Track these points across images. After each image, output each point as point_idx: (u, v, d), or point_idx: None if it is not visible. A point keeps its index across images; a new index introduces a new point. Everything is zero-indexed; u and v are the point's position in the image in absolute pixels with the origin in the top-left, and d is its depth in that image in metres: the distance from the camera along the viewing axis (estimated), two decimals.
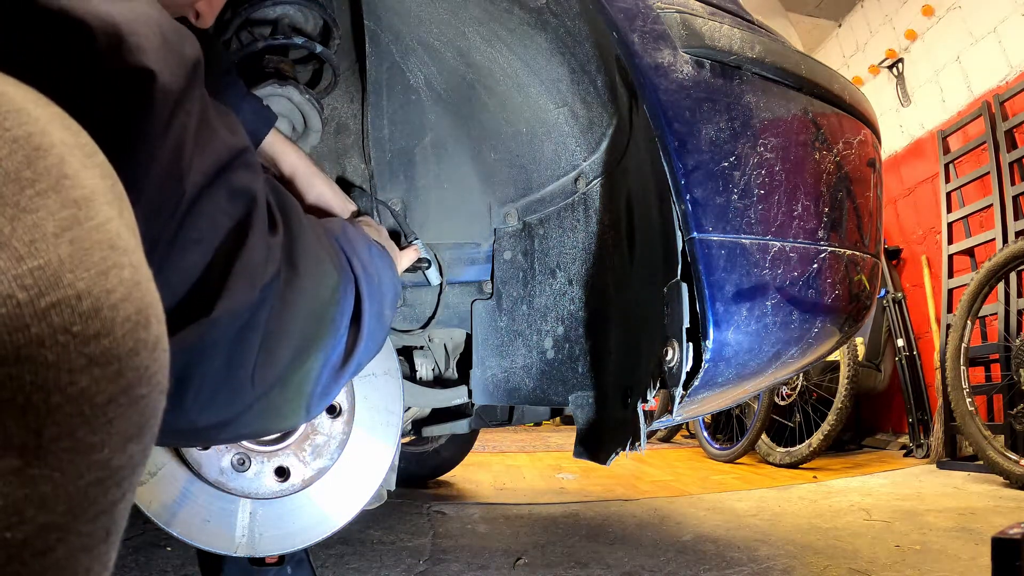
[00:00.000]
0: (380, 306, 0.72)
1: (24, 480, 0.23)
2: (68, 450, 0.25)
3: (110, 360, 0.25)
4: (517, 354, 1.13)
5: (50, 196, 0.25)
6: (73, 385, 0.24)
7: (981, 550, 1.41)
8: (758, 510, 1.98)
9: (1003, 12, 3.14)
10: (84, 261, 0.25)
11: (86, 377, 0.25)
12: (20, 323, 0.23)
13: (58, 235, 0.24)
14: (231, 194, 0.46)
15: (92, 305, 0.25)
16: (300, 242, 0.55)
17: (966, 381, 2.60)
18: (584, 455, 1.00)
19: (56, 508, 0.25)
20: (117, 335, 0.26)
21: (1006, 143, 3.03)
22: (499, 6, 0.91)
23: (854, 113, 0.94)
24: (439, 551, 1.45)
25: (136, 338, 0.27)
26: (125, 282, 0.26)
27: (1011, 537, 0.81)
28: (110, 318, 0.25)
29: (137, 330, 0.27)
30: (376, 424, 0.93)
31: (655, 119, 0.75)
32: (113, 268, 0.26)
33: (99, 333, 0.25)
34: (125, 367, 0.26)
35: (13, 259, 0.23)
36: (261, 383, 0.53)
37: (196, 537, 0.83)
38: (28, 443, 0.23)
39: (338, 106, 1.13)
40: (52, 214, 0.25)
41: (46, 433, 0.24)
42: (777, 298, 0.79)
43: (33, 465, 0.24)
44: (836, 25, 4.38)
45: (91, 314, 0.25)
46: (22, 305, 0.23)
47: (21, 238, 0.23)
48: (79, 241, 0.25)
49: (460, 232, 1.14)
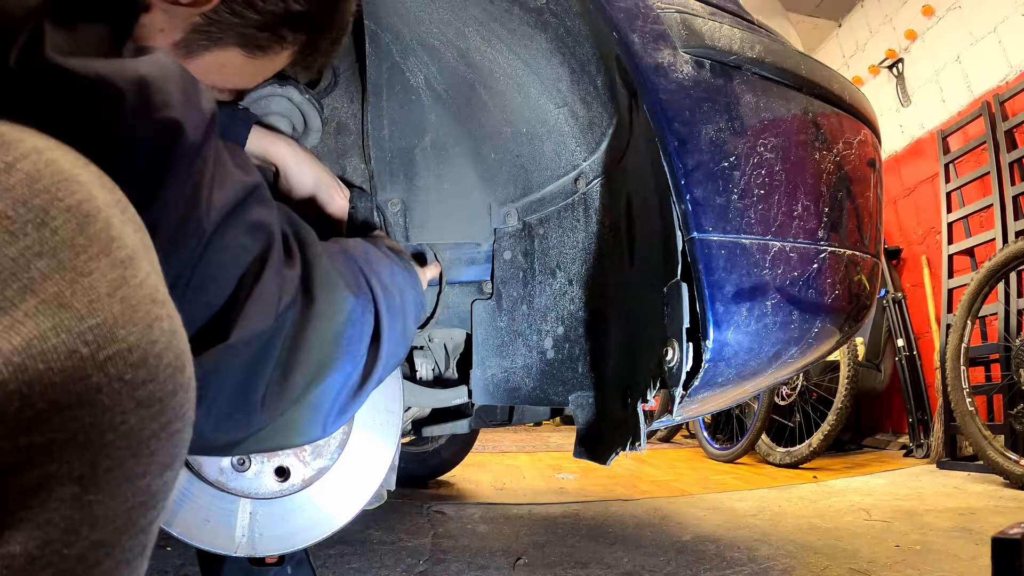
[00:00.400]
0: (403, 323, 0.73)
1: (81, 505, 0.27)
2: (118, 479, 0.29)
3: (154, 401, 0.29)
4: (517, 354, 1.13)
5: (101, 259, 0.29)
6: (124, 424, 0.28)
7: (981, 550, 1.41)
8: (758, 510, 1.98)
9: (1003, 12, 3.14)
10: (133, 317, 0.29)
11: (134, 417, 0.29)
12: (83, 374, 0.27)
13: (111, 295, 0.28)
14: (248, 229, 0.49)
15: (141, 356, 0.29)
16: (316, 270, 0.57)
17: (966, 381, 2.60)
18: (584, 455, 1.00)
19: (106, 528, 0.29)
20: (160, 380, 0.30)
21: (1006, 143, 3.03)
22: (499, 6, 0.91)
23: (854, 113, 0.94)
24: (439, 551, 1.45)
25: (176, 382, 0.31)
26: (166, 333, 0.30)
27: (1011, 537, 0.81)
28: (155, 366, 0.29)
29: (176, 375, 0.31)
30: (376, 424, 0.93)
31: (655, 119, 0.75)
32: (156, 321, 0.30)
33: (146, 380, 0.29)
34: (166, 407, 0.30)
35: (76, 318, 0.27)
36: (275, 405, 0.55)
37: (196, 537, 0.83)
38: (85, 474, 0.27)
39: (338, 106, 1.12)
40: (104, 275, 0.29)
41: (100, 466, 0.28)
42: (777, 298, 0.79)
43: (89, 492, 0.28)
44: (836, 25, 4.38)
45: (139, 364, 0.29)
46: (84, 359, 0.27)
47: (81, 299, 0.27)
48: (128, 299, 0.29)
49: (460, 232, 1.14)
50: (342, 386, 0.63)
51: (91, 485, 0.28)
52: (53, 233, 0.27)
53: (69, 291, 0.27)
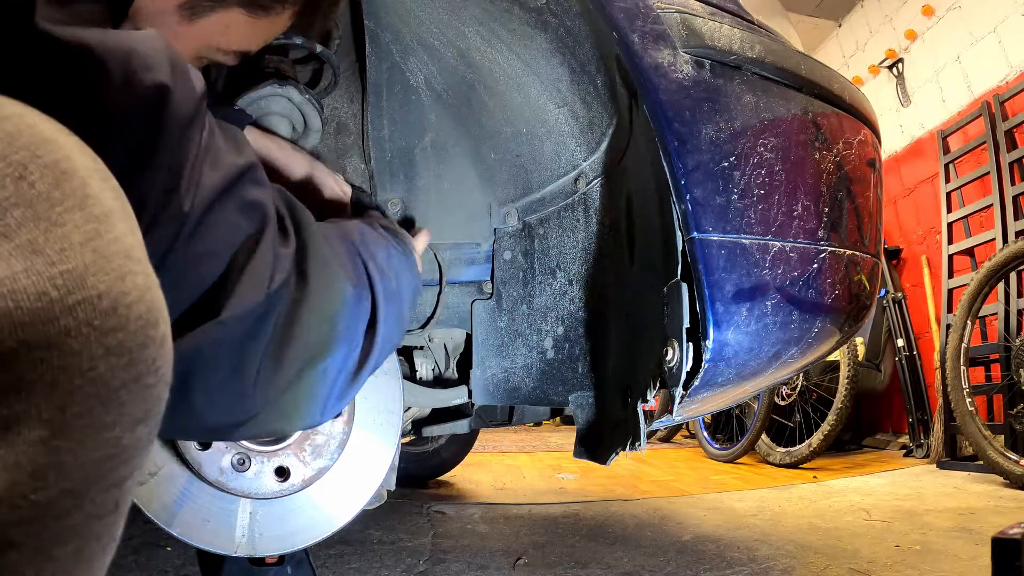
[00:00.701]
0: (399, 308, 0.73)
1: (49, 449, 0.28)
2: (86, 426, 0.29)
3: (123, 351, 0.30)
4: (517, 354, 1.13)
5: (76, 212, 0.29)
6: (93, 370, 0.28)
7: (981, 550, 1.41)
8: (758, 510, 1.98)
9: (1003, 12, 3.14)
10: (104, 267, 0.29)
11: (103, 364, 0.29)
12: (51, 315, 0.27)
13: (83, 244, 0.29)
14: (241, 208, 0.49)
15: (110, 304, 0.29)
16: (311, 251, 0.57)
17: (966, 381, 2.60)
18: (584, 455, 1.00)
19: (74, 476, 0.29)
20: (130, 330, 0.30)
21: (1006, 143, 3.03)
22: (499, 6, 0.91)
23: (854, 113, 0.94)
24: (439, 551, 1.45)
25: (146, 334, 0.31)
26: (138, 286, 0.31)
27: (1011, 537, 0.81)
28: (125, 315, 0.30)
29: (147, 328, 0.31)
30: (376, 424, 0.93)
31: (655, 119, 0.75)
32: (128, 274, 0.30)
33: (115, 327, 0.29)
34: (136, 358, 0.30)
35: (47, 263, 0.28)
36: (268, 387, 0.55)
37: (196, 537, 0.83)
38: (53, 417, 0.28)
39: (338, 106, 1.12)
40: (78, 227, 0.29)
41: (68, 410, 0.28)
42: (777, 298, 0.79)
43: (57, 437, 0.28)
44: (836, 25, 4.38)
45: (109, 311, 0.29)
46: (53, 301, 0.27)
47: (53, 246, 0.28)
48: (100, 250, 0.30)
49: (460, 232, 1.14)
50: (339, 371, 0.63)
51: (58, 429, 0.28)
52: (30, 186, 0.28)
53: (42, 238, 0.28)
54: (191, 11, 0.60)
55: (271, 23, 0.68)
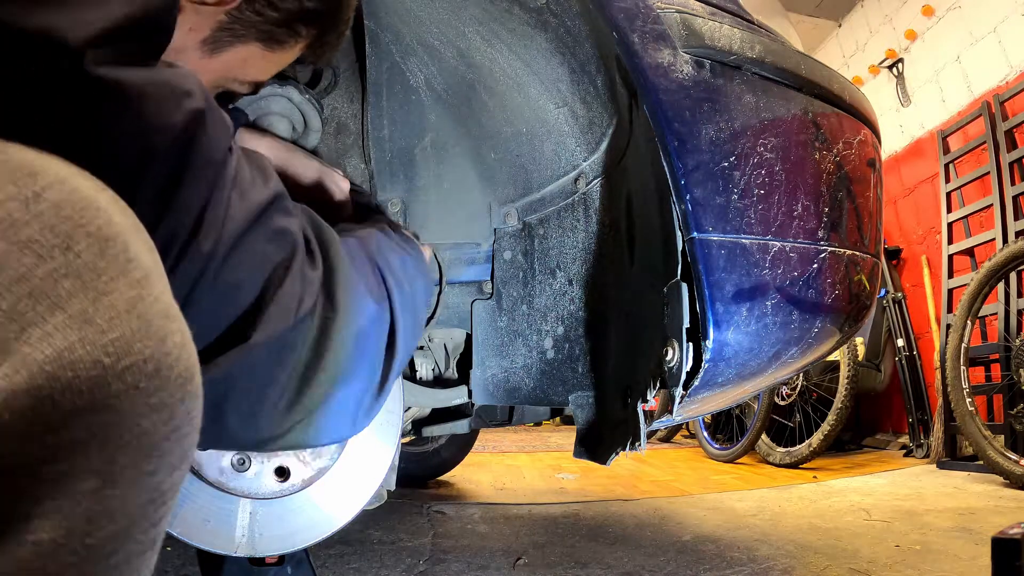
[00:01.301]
0: (415, 316, 0.75)
1: (100, 498, 0.31)
2: (132, 476, 0.32)
3: (164, 407, 0.33)
4: (517, 354, 1.13)
5: (120, 280, 0.32)
6: (139, 427, 0.32)
7: (981, 550, 1.41)
8: (758, 510, 1.98)
9: (1003, 12, 3.14)
10: (148, 332, 0.32)
11: (147, 421, 0.32)
12: (104, 381, 0.30)
13: (128, 311, 0.32)
14: (271, 238, 0.51)
15: (155, 367, 0.32)
16: (337, 274, 0.59)
17: (966, 381, 2.60)
18: (584, 455, 1.00)
19: (121, 520, 0.32)
20: (171, 388, 0.33)
21: (1006, 143, 3.03)
22: (499, 6, 0.91)
23: (854, 113, 0.94)
24: (439, 551, 1.45)
25: (184, 390, 0.34)
26: (177, 345, 0.34)
27: (1011, 537, 0.81)
28: (167, 376, 0.33)
29: (185, 384, 0.34)
30: (376, 424, 0.93)
31: (655, 119, 0.75)
32: (168, 335, 0.33)
33: (158, 388, 0.32)
34: (176, 412, 0.33)
35: (98, 332, 0.30)
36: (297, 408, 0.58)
37: (196, 537, 0.83)
38: (103, 469, 0.31)
39: (338, 106, 1.12)
40: (122, 294, 0.32)
41: (117, 463, 0.31)
42: (777, 298, 0.79)
43: (107, 486, 0.31)
44: (836, 25, 4.38)
45: (153, 374, 0.32)
46: (107, 368, 0.30)
47: (102, 315, 0.31)
48: (144, 315, 0.32)
49: (460, 232, 1.14)
50: (364, 391, 0.65)
51: (109, 480, 0.31)
52: (77, 256, 0.31)
53: (92, 308, 0.31)
54: (212, 46, 0.64)
55: (284, 55, 0.72)
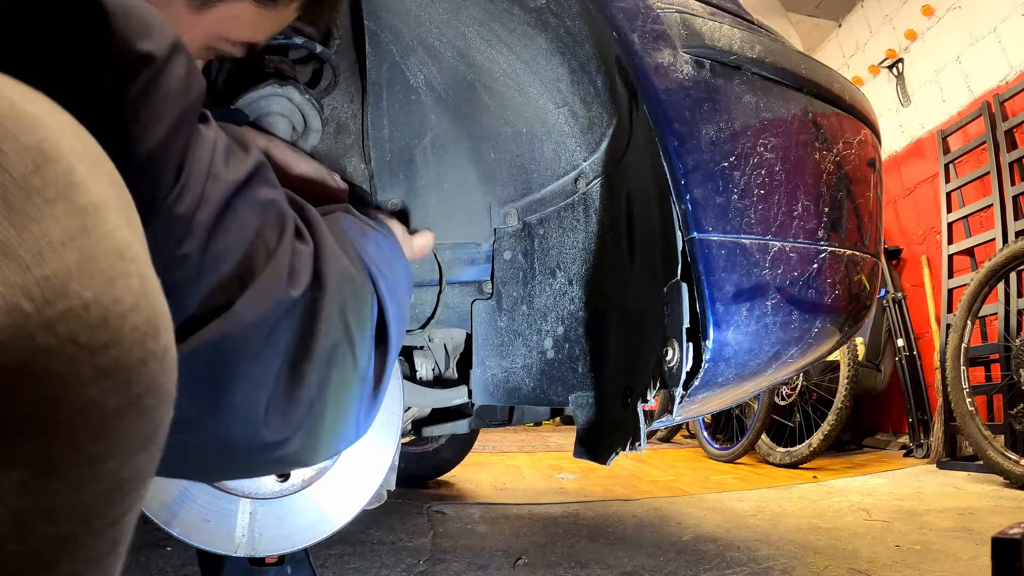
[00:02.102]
0: (400, 307, 0.70)
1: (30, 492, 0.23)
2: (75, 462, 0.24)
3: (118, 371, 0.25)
4: (517, 354, 1.13)
5: (57, 204, 0.24)
6: (81, 397, 0.24)
7: (981, 550, 1.41)
8: (758, 510, 1.98)
9: (1003, 12, 3.14)
10: (91, 270, 0.24)
11: (94, 389, 0.24)
12: (25, 333, 0.22)
13: (65, 244, 0.24)
14: (256, 208, 0.47)
15: (100, 315, 0.24)
16: (325, 251, 0.56)
17: (966, 381, 2.60)
18: (584, 455, 1.00)
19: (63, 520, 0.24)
20: (125, 346, 0.25)
21: (1006, 143, 3.03)
22: (499, 6, 0.91)
23: (854, 113, 0.94)
24: (439, 551, 1.45)
25: (145, 349, 0.26)
26: (133, 292, 0.26)
27: (1011, 537, 0.81)
28: (118, 328, 0.25)
29: (146, 340, 0.26)
30: (376, 424, 0.93)
31: (655, 119, 0.75)
32: (121, 277, 0.25)
33: (107, 344, 0.24)
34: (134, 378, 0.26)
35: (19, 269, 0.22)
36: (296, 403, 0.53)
37: (196, 537, 0.83)
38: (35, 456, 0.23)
39: (338, 106, 1.12)
40: (59, 222, 0.24)
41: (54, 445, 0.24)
42: (777, 298, 0.79)
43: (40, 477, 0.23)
44: (836, 25, 4.38)
45: (99, 324, 0.24)
46: (28, 316, 0.22)
47: (27, 247, 0.23)
48: (86, 250, 0.24)
49: (460, 232, 1.14)
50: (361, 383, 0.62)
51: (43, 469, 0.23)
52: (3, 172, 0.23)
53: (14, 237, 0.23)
54: (201, 1, 0.60)
55: (278, 14, 0.68)
